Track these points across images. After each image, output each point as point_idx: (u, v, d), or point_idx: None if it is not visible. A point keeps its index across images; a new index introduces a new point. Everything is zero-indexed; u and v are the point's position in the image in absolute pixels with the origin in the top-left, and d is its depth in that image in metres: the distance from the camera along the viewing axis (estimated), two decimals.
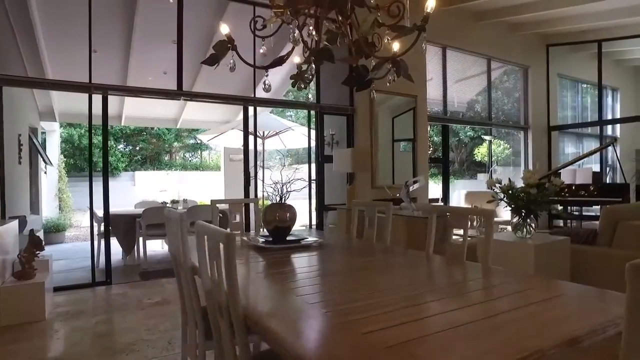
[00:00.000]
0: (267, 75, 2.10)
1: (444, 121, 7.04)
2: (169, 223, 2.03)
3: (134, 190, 18.78)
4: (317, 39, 1.95)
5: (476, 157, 12.42)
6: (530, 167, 8.39)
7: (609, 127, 10.90)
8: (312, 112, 5.78)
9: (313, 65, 2.28)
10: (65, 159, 12.79)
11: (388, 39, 2.10)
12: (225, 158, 9.53)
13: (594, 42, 8.14)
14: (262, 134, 8.55)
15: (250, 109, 5.31)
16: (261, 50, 2.03)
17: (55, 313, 3.58)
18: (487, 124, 7.92)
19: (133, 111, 8.42)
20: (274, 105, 5.30)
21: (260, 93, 5.48)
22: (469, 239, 2.11)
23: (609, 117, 10.70)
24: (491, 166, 7.80)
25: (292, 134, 8.05)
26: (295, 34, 1.80)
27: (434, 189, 11.90)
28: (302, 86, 2.36)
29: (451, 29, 6.96)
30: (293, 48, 2.00)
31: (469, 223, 3.68)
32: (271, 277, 1.74)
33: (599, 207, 7.51)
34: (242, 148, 9.68)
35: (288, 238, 2.33)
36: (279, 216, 2.24)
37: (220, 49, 1.92)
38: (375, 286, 1.55)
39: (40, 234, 7.58)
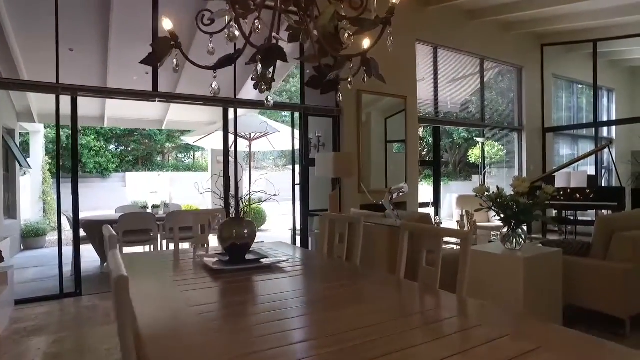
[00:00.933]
0: (215, 77, 1.86)
1: (435, 123, 6.83)
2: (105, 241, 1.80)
3: (125, 191, 18.52)
4: (269, 35, 1.71)
5: (470, 159, 12.21)
6: (525, 169, 8.19)
7: (605, 128, 10.73)
8: (297, 114, 5.55)
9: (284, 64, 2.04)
10: (50, 161, 12.50)
11: (348, 34, 1.87)
12: (213, 160, 9.29)
13: (589, 42, 7.95)
14: (249, 136, 8.33)
15: (231, 111, 5.08)
16: (209, 47, 1.79)
17: (12, 330, 3.33)
18: (479, 125, 7.71)
19: (116, 112, 8.17)
20: (256, 107, 5.08)
21: (242, 94, 5.26)
22: (455, 247, 1.88)
23: (605, 118, 10.53)
24: (484, 169, 7.58)
25: (282, 135, 7.83)
26: (232, 30, 1.56)
27: (427, 192, 11.74)
28: (264, 87, 2.12)
29: (442, 28, 6.74)
30: (245, 45, 1.77)
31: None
32: (205, 318, 1.47)
33: (594, 211, 7.32)
34: (228, 150, 9.50)
35: (248, 256, 2.10)
36: (236, 232, 2.01)
37: (161, 46, 1.68)
38: (325, 328, 1.31)
39: (17, 239, 7.32)
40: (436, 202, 6.74)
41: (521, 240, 2.97)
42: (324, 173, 4.33)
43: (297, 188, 5.53)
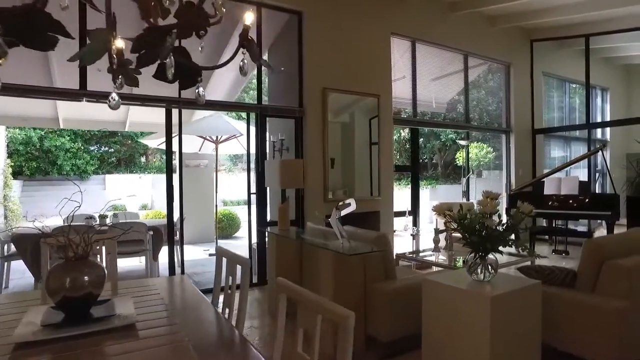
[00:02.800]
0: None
1: (413, 124, 6.25)
2: None
3: (105, 194, 17.88)
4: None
5: (458, 162, 11.67)
6: (513, 173, 7.64)
7: (599, 130, 10.20)
8: (252, 115, 4.96)
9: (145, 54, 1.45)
10: (12, 163, 11.87)
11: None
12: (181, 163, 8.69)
13: (581, 37, 7.41)
14: (215, 139, 7.74)
15: (175, 113, 4.49)
16: None
17: None
18: (463, 126, 7.15)
19: (71, 114, 7.55)
20: (205, 107, 4.51)
21: (186, 92, 4.66)
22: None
23: (599, 119, 10.00)
24: (468, 173, 7.02)
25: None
26: None
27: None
28: (122, 79, 1.53)
29: (421, 21, 6.18)
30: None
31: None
32: None
33: (586, 221, 6.78)
34: (198, 153, 8.90)
35: (96, 312, 1.52)
36: (71, 282, 1.42)
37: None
38: None
39: None
40: (414, 211, 6.17)
41: (491, 271, 2.40)
42: (272, 184, 3.75)
43: (254, 197, 4.94)
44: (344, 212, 3.02)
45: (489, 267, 2.41)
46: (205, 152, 8.72)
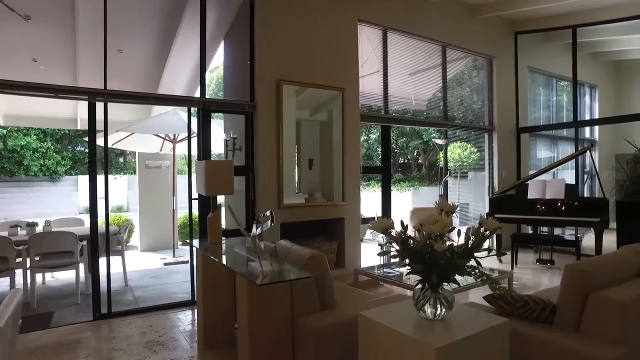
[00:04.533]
0: None
1: (383, 120, 5.67)
2: None
3: (78, 196, 17.11)
4: None
5: (440, 163, 11.10)
6: (496, 175, 7.10)
7: (587, 130, 9.72)
8: (194, 109, 4.33)
9: None
10: None
11: None
12: (141, 164, 8.05)
13: (567, 28, 6.88)
14: (172, 137, 7.12)
15: (100, 107, 3.86)
16: None
17: None
18: (440, 124, 6.58)
19: (14, 109, 6.89)
20: (135, 100, 3.89)
21: (115, 83, 4.05)
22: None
23: (587, 117, 9.51)
24: (445, 175, 6.46)
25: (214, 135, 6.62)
26: None
27: (398, 200, 10.49)
28: None
29: (393, 7, 5.60)
30: None
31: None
32: None
33: (574, 227, 6.25)
34: (159, 153, 8.24)
35: None
36: None
37: None
38: None
39: None
40: (385, 216, 5.58)
41: (443, 308, 1.82)
42: (200, 189, 3.14)
43: (196, 203, 4.33)
44: (261, 228, 2.42)
45: (442, 301, 1.83)
46: (168, 153, 8.08)
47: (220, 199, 5.01)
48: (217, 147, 5.86)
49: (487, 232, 1.83)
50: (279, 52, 4.56)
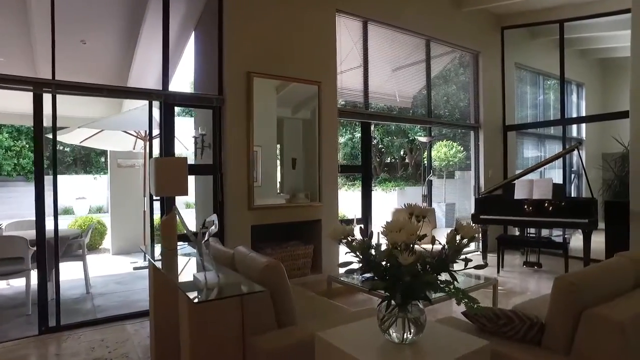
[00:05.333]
0: None
1: (364, 117, 5.38)
2: None
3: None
4: None
5: (425, 162, 10.90)
6: (482, 174, 6.87)
7: (574, 128, 9.56)
8: (155, 103, 4.00)
9: None
10: None
11: None
12: (112, 163, 7.65)
13: (554, 22, 6.67)
14: (144, 134, 6.75)
15: (48, 99, 3.51)
16: None
17: None
18: (423, 121, 6.31)
19: None
20: (88, 92, 3.55)
21: (64, 73, 3.70)
22: None
23: (574, 116, 9.35)
24: (429, 174, 6.20)
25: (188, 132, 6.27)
26: None
27: (384, 201, 10.20)
28: None
29: None
30: None
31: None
32: None
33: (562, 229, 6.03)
34: (132, 151, 7.85)
35: None
36: None
37: None
38: None
39: None
40: (366, 218, 5.30)
41: (410, 332, 1.53)
42: (152, 188, 2.81)
43: (157, 204, 4.00)
44: (207, 233, 2.11)
45: (411, 322, 1.54)
46: (141, 151, 7.69)
47: (189, 199, 4.67)
48: (191, 145, 5.54)
49: (465, 240, 1.55)
50: (249, 42, 4.25)
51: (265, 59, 4.34)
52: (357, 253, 1.53)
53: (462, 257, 1.56)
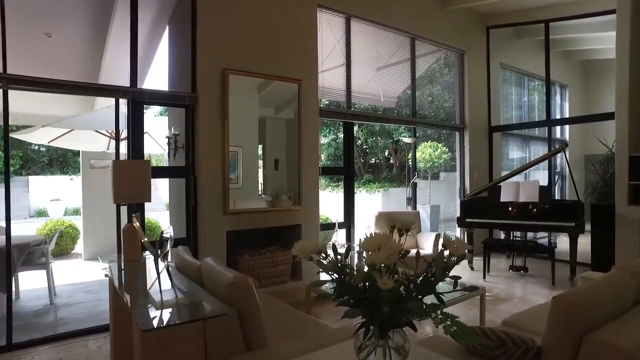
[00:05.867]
0: None
1: (347, 117, 5.18)
2: None
3: (29, 198, 15.96)
4: None
5: (409, 162, 10.75)
6: (467, 176, 6.74)
7: (558, 129, 9.54)
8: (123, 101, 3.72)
9: None
10: None
11: None
12: (85, 164, 7.31)
13: (539, 22, 6.58)
14: (112, 134, 6.42)
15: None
16: None
17: None
18: (407, 121, 6.15)
19: None
20: (46, 88, 3.26)
21: (26, 68, 3.41)
22: None
23: (558, 117, 9.32)
24: (413, 176, 6.04)
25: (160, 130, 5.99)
26: None
27: (368, 202, 9.97)
28: None
29: None
30: None
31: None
32: None
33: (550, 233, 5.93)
34: (106, 152, 7.51)
35: None
36: None
37: None
38: None
39: None
40: (348, 221, 5.10)
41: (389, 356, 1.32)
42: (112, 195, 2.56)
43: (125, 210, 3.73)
44: (167, 245, 1.88)
45: (392, 351, 1.33)
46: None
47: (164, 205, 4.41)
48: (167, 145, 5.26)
49: (454, 258, 1.35)
50: (225, 38, 4.01)
51: (242, 55, 4.11)
52: (330, 273, 1.32)
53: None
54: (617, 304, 1.67)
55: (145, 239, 2.08)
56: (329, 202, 8.35)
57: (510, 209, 5.20)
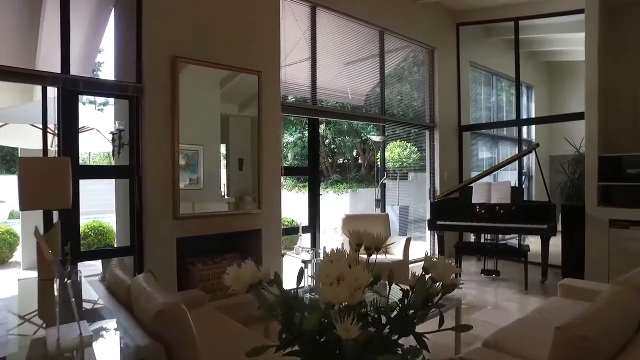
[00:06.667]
0: None
1: (309, 113, 4.84)
2: None
3: None
4: None
5: (378, 162, 10.57)
6: (437, 176, 6.54)
7: (524, 129, 9.55)
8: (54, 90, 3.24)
9: None
10: None
11: None
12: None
13: (509, 20, 6.47)
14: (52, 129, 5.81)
15: None
16: None
17: None
18: (376, 118, 5.87)
19: None
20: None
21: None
22: None
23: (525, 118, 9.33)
24: (382, 177, 5.77)
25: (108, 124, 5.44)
26: None
27: (335, 204, 9.63)
28: None
29: None
30: None
31: None
32: None
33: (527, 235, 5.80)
34: (49, 149, 6.87)
35: None
36: None
37: None
38: None
39: None
40: (313, 226, 4.76)
41: None
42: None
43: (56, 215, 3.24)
44: (68, 264, 1.49)
45: None
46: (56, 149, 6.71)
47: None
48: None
49: (438, 284, 1.03)
50: (176, 22, 3.58)
51: (196, 43, 3.69)
52: (275, 312, 0.97)
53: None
54: (625, 330, 1.40)
55: (51, 256, 1.66)
56: (296, 204, 8.00)
57: (482, 210, 5.01)
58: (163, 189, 3.50)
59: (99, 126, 5.60)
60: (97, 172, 4.43)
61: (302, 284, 1.38)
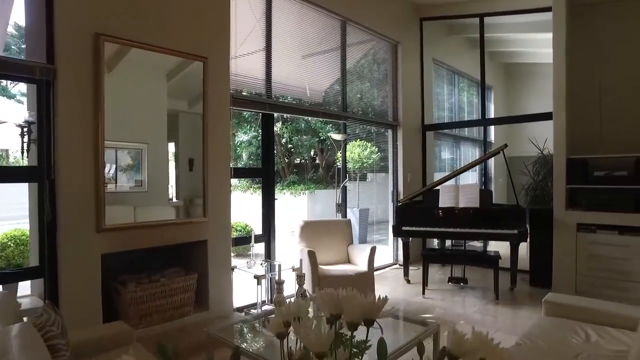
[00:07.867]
0: None
1: (263, 107, 4.30)
2: None
3: None
4: None
5: (337, 163, 10.16)
6: (401, 178, 6.20)
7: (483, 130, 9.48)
8: None
9: None
10: None
11: None
12: None
13: (474, 16, 6.23)
14: None
15: None
16: None
17: None
18: (336, 115, 5.42)
19: None
20: None
21: None
22: None
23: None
24: (344, 178, 5.33)
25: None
26: None
27: (292, 207, 9.08)
28: None
29: None
30: None
31: None
32: None
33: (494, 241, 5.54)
34: None
35: None
36: None
37: None
38: None
39: None
40: (267, 234, 4.23)
41: None
42: None
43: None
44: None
45: None
46: None
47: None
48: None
49: None
50: None
51: (126, 19, 3.08)
52: None
53: None
54: None
55: None
56: (250, 206, 7.42)
57: (449, 215, 4.69)
58: (83, 196, 2.86)
59: (15, 119, 4.79)
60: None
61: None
